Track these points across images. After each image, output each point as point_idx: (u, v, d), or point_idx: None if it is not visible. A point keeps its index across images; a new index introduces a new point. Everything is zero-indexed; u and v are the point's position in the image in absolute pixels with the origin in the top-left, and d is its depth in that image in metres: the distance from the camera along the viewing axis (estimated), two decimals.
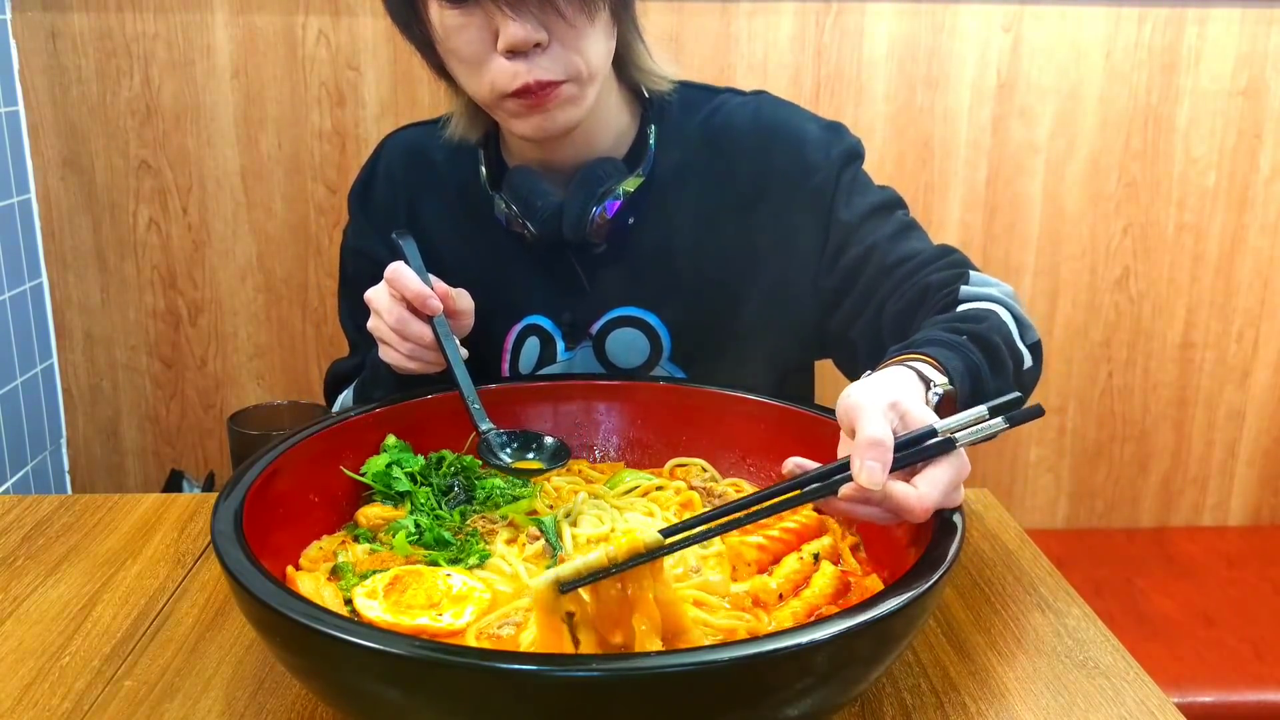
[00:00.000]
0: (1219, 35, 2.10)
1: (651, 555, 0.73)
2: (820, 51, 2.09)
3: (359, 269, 1.29)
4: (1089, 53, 2.11)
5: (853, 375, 1.24)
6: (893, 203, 1.22)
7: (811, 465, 0.82)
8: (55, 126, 2.10)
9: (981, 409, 0.80)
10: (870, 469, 0.76)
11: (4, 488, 2.03)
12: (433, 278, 1.09)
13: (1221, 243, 2.23)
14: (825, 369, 1.35)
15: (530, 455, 1.05)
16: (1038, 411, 0.80)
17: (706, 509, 1.01)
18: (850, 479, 0.77)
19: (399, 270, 1.06)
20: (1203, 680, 1.77)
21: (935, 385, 0.87)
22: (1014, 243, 2.21)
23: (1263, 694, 1.76)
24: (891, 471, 0.77)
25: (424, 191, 1.28)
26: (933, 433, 0.79)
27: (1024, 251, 2.22)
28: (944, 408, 0.86)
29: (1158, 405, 2.32)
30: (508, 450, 1.05)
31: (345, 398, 1.28)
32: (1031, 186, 2.18)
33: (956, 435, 0.78)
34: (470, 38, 1.05)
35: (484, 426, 1.05)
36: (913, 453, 0.78)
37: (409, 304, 1.06)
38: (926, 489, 0.77)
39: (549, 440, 1.06)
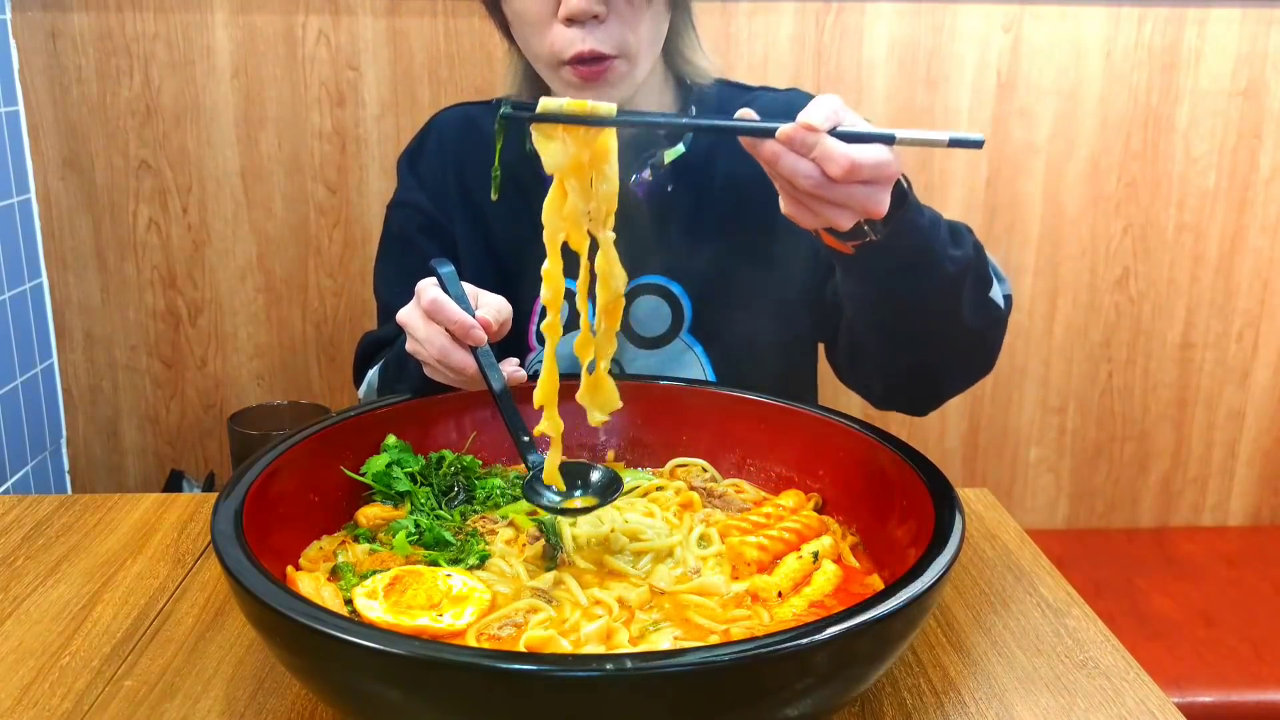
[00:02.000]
0: (1219, 35, 2.10)
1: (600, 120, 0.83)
2: (820, 51, 2.09)
3: (405, 221, 1.35)
4: (1089, 53, 2.11)
5: (832, 342, 1.28)
6: None
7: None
8: (55, 126, 2.10)
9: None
10: (813, 109, 0.81)
11: (4, 488, 2.03)
12: (470, 293, 1.05)
13: (1221, 243, 2.23)
14: (825, 373, 1.35)
15: (578, 493, 0.96)
16: (977, 140, 0.82)
17: (707, 507, 1.01)
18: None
19: (439, 302, 1.02)
20: (1203, 680, 1.77)
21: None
22: (1014, 243, 2.21)
23: (1263, 694, 1.76)
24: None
25: (474, 159, 1.33)
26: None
27: (1024, 251, 2.22)
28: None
29: (1158, 405, 2.32)
30: (555, 489, 0.95)
31: (372, 377, 1.28)
32: (1031, 186, 2.18)
33: (895, 131, 0.82)
34: (534, 1, 1.13)
35: (532, 458, 0.99)
36: (853, 134, 0.82)
37: (450, 333, 1.03)
38: (855, 150, 0.81)
39: (596, 475, 0.97)
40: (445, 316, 1.02)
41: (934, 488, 0.87)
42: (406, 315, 1.05)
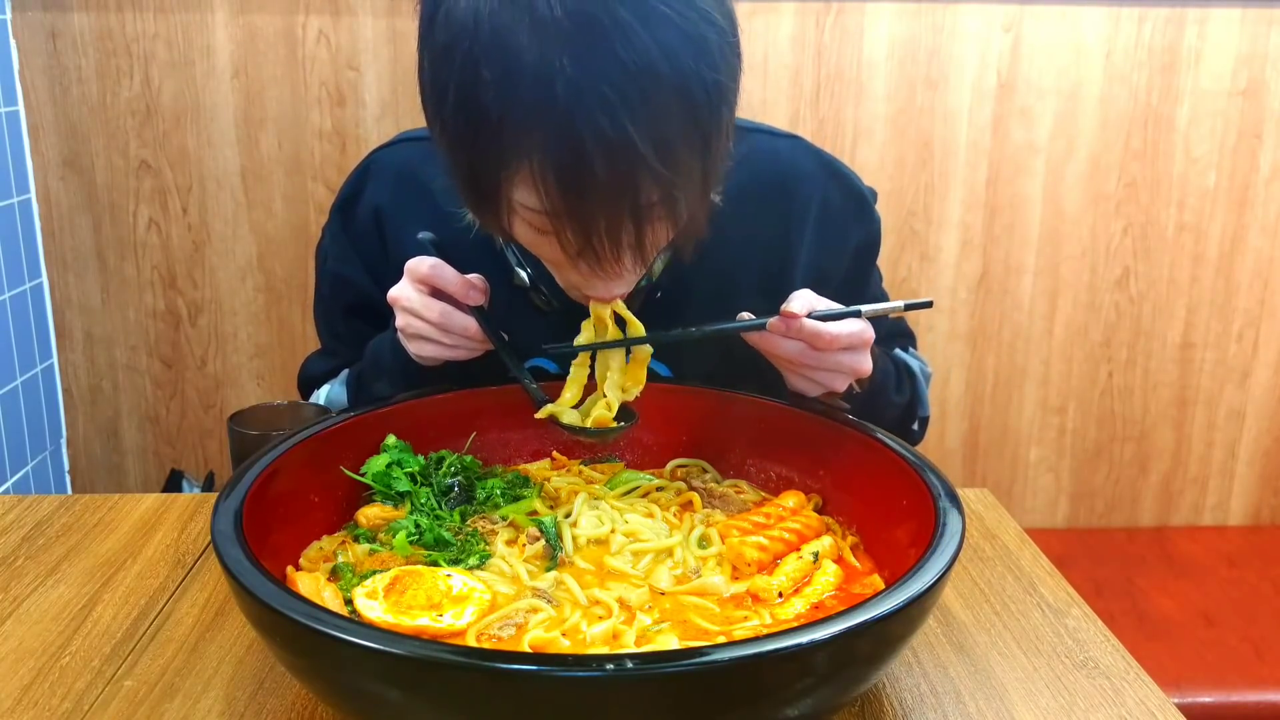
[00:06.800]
0: (1219, 35, 2.11)
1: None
2: (820, 51, 2.09)
3: (336, 293, 1.27)
4: (1089, 53, 2.11)
5: None
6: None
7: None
8: (55, 126, 2.10)
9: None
10: (796, 299, 0.97)
11: (4, 488, 2.03)
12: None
13: (1221, 243, 2.23)
14: None
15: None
16: (927, 303, 0.98)
17: (705, 511, 1.02)
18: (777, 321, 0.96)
19: (438, 266, 1.03)
20: (1203, 680, 1.77)
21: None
22: (1014, 243, 2.21)
23: (1263, 694, 1.76)
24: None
25: (418, 224, 1.15)
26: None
27: (1024, 251, 2.22)
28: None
29: (1158, 405, 2.32)
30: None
31: (333, 395, 1.27)
32: (1031, 186, 2.18)
33: (861, 308, 0.98)
34: (553, 246, 0.93)
35: (545, 400, 1.06)
36: (828, 315, 0.97)
37: (448, 297, 1.03)
38: (836, 327, 0.96)
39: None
40: (443, 280, 1.03)
41: (934, 488, 0.87)
42: (399, 291, 1.05)
